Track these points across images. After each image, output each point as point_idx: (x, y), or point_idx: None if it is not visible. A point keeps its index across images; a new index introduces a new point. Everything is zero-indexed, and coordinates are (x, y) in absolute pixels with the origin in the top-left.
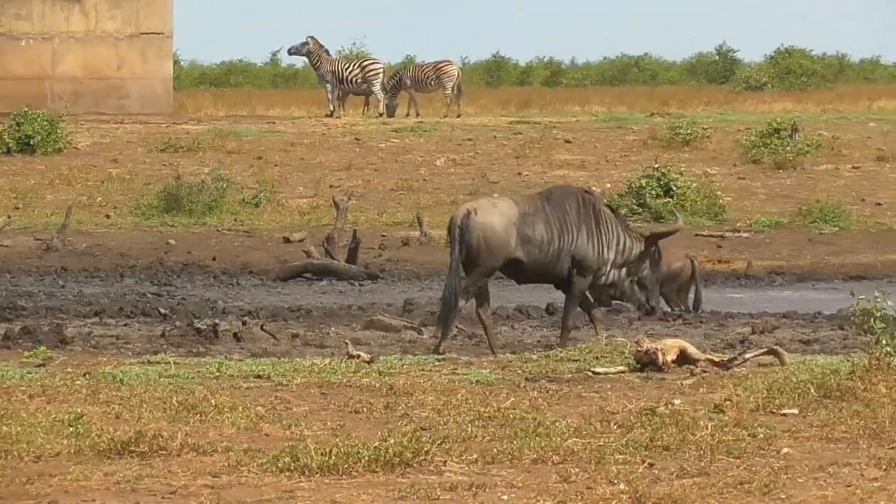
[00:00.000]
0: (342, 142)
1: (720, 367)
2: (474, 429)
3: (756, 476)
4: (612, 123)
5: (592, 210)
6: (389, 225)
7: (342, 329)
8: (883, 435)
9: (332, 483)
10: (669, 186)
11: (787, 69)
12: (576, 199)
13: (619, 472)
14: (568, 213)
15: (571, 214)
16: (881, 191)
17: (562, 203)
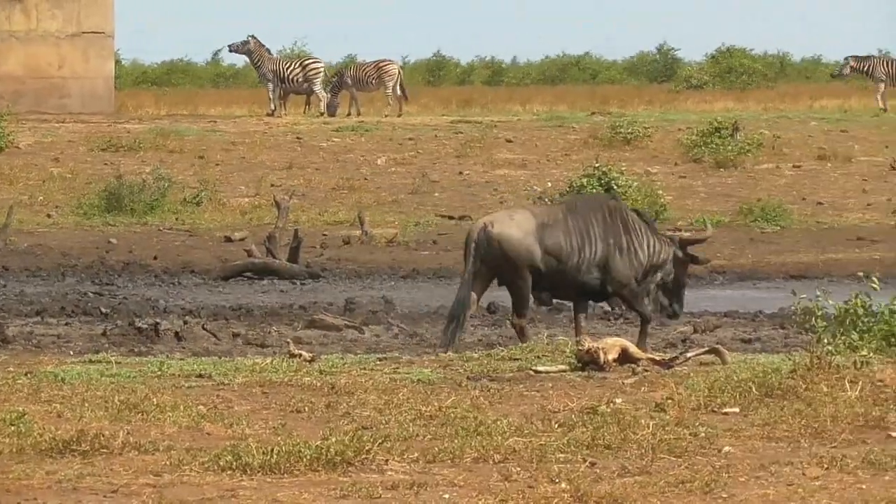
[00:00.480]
0: (283, 141)
1: (662, 366)
2: (416, 428)
3: (697, 475)
4: (553, 122)
5: (620, 218)
6: (331, 224)
7: (283, 328)
8: (824, 434)
9: (273, 482)
10: (610, 185)
11: (729, 68)
12: (602, 210)
13: (560, 471)
14: (592, 225)
15: (596, 225)
16: (822, 190)
17: (586, 214)
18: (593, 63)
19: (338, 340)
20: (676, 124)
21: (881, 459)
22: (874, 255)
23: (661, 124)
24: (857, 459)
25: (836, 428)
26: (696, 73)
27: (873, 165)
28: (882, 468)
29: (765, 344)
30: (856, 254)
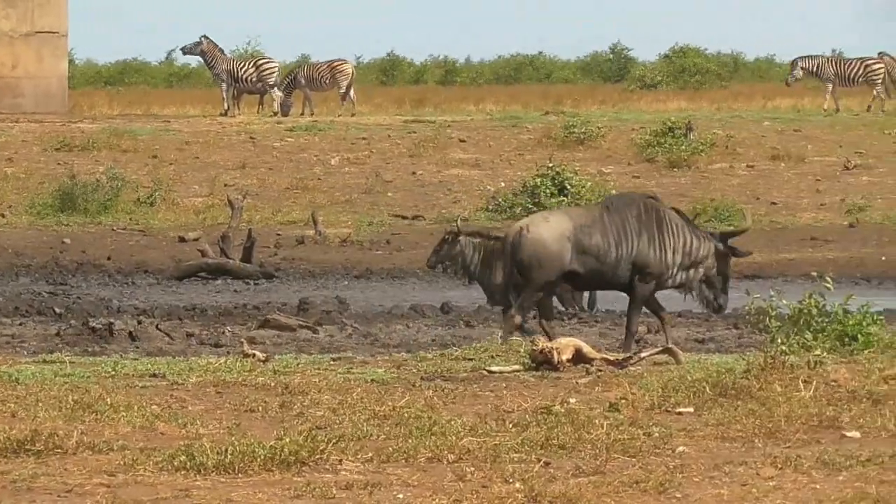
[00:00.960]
0: (237, 141)
1: (615, 365)
2: (370, 428)
3: (651, 475)
4: (507, 122)
5: (655, 216)
6: (284, 224)
7: (237, 328)
8: (778, 434)
9: (227, 482)
10: (564, 185)
11: (682, 68)
12: (637, 208)
13: (514, 471)
14: (628, 222)
15: (631, 223)
16: (776, 190)
17: (622, 212)
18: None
19: (292, 340)
20: (630, 124)
21: (835, 459)
22: (828, 255)
23: (614, 124)
24: (811, 459)
25: (790, 428)
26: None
27: (827, 165)
28: (836, 468)
29: (719, 344)
30: (809, 254)
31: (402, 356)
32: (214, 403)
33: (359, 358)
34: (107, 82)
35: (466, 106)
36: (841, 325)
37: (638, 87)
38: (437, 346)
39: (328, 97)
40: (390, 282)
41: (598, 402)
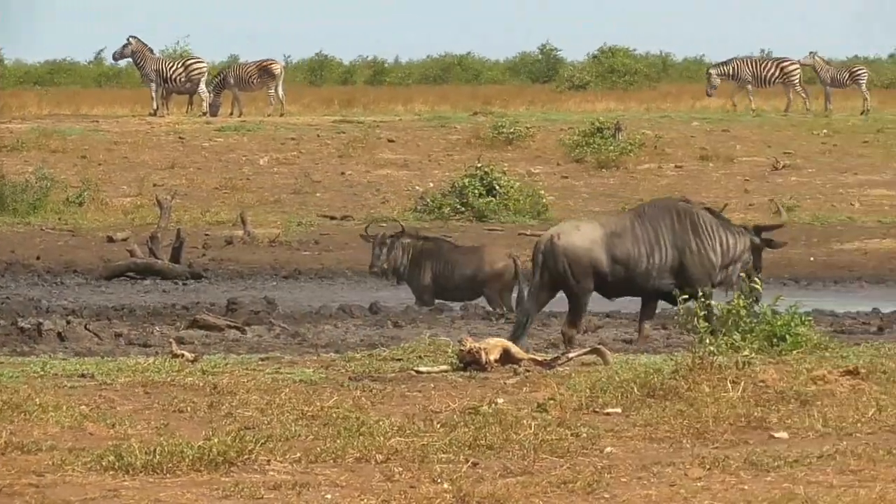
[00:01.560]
0: (166, 141)
1: (543, 366)
2: (298, 428)
3: (580, 475)
4: (436, 122)
5: (689, 221)
6: (213, 224)
7: (166, 328)
8: (706, 434)
9: (156, 482)
10: (492, 185)
11: (611, 68)
12: (670, 215)
13: (442, 471)
14: (661, 230)
15: (664, 231)
16: (704, 190)
17: (655, 220)
18: (475, 63)
19: (220, 341)
20: (558, 124)
21: (763, 460)
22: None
23: (543, 124)
24: (739, 460)
25: (718, 428)
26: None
27: (755, 165)
28: (764, 469)
29: (646, 344)
30: None
31: (330, 356)
32: (143, 404)
33: (287, 358)
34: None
35: (395, 106)
36: (769, 326)
37: (566, 87)
38: (366, 347)
39: (257, 97)
40: (319, 282)
41: (525, 403)
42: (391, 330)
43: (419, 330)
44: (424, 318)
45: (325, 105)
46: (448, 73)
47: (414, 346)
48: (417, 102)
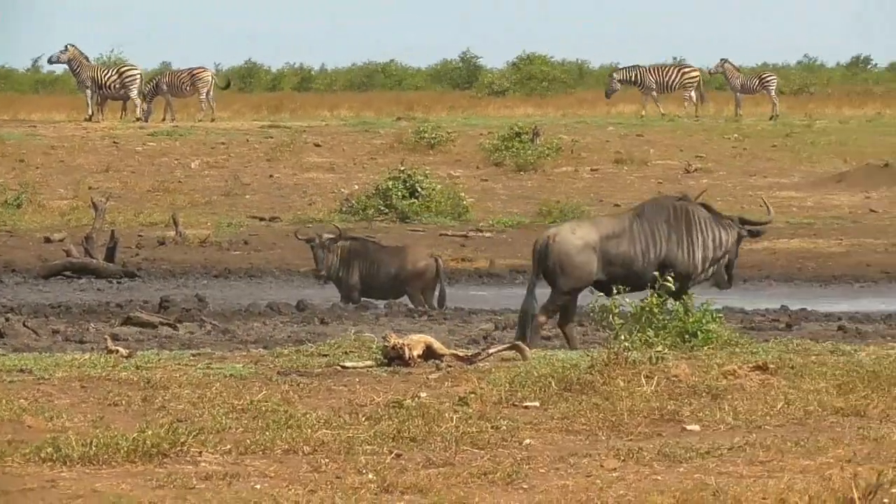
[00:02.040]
0: (101, 145)
1: (464, 361)
2: (228, 421)
3: (499, 466)
4: (360, 127)
5: (685, 219)
6: (146, 225)
7: (101, 325)
8: (621, 427)
9: (92, 472)
10: (415, 188)
11: (529, 75)
12: (667, 212)
13: (367, 463)
14: (658, 228)
15: (662, 228)
16: (619, 192)
17: (653, 219)
18: (398, 70)
19: (153, 337)
20: (478, 129)
21: (675, 452)
22: None
23: (463, 129)
24: (652, 452)
25: (632, 421)
26: (497, 80)
27: (668, 168)
28: (676, 460)
29: (563, 340)
30: None
31: (259, 352)
32: (79, 397)
33: (217, 354)
34: None
35: (321, 112)
36: (681, 323)
37: (486, 93)
38: (293, 343)
39: (188, 103)
40: (248, 281)
41: (447, 397)
42: (318, 327)
43: (345, 327)
44: (350, 316)
45: (254, 111)
46: (372, 79)
47: (340, 342)
48: (343, 108)
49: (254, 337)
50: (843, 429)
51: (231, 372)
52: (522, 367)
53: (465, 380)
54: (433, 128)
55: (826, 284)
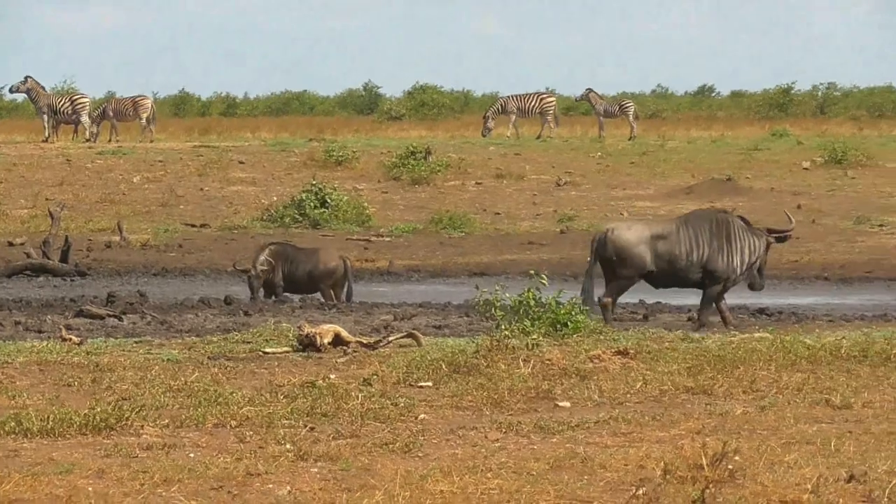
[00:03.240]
0: (56, 162)
1: (368, 347)
2: (166, 399)
3: (398, 437)
4: (278, 147)
5: (725, 228)
6: (95, 231)
7: (57, 317)
8: (503, 403)
9: (49, 444)
10: (325, 199)
11: (422, 102)
12: (709, 222)
13: (285, 435)
14: (701, 234)
15: (705, 235)
16: (499, 202)
17: (697, 226)
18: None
19: (101, 327)
20: (379, 149)
21: (549, 425)
22: (542, 257)
23: (366, 149)
24: (529, 425)
25: (512, 399)
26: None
27: (542, 182)
28: (550, 432)
29: (453, 329)
30: (527, 255)
31: (192, 340)
32: (38, 379)
33: (156, 341)
34: None
35: (244, 134)
36: (554, 314)
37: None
38: (221, 332)
39: (130, 126)
40: (182, 279)
41: (353, 378)
42: (242, 318)
43: (265, 318)
44: (270, 308)
45: (187, 133)
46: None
47: (261, 331)
48: (263, 131)
49: (187, 327)
50: (693, 405)
51: (168, 357)
52: (417, 353)
53: (369, 363)
54: (340, 147)
55: None
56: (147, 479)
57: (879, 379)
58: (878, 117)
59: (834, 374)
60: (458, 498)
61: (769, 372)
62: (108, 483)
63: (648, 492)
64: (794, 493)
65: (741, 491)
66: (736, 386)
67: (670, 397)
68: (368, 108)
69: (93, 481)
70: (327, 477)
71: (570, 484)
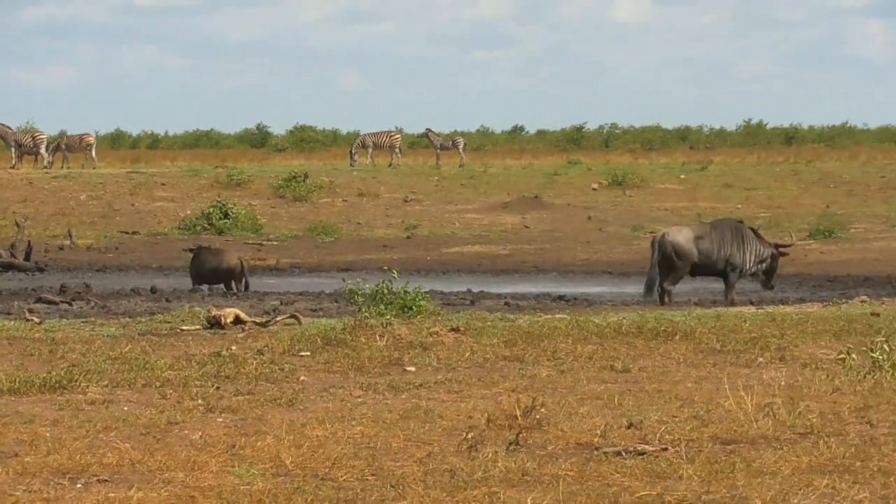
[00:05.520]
0: (20, 184)
1: (260, 326)
2: (106, 365)
3: (284, 394)
4: (191, 173)
5: (740, 233)
6: (51, 237)
7: (22, 302)
8: (363, 368)
9: (16, 400)
10: (227, 212)
11: (301, 138)
12: (730, 228)
13: (197, 392)
14: (724, 237)
15: (727, 237)
16: (360, 215)
17: (722, 231)
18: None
19: (56, 311)
20: (268, 174)
21: (399, 384)
22: (393, 257)
23: (258, 174)
24: (384, 385)
25: (371, 365)
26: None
27: (393, 199)
28: (400, 390)
29: (326, 312)
30: (382, 255)
31: (126, 320)
32: (7, 350)
33: (98, 321)
34: None
35: (166, 162)
36: (402, 300)
37: (273, 150)
38: (148, 314)
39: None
40: (118, 273)
41: (250, 349)
42: (164, 304)
43: (182, 303)
44: (186, 296)
45: (121, 162)
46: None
47: (179, 313)
48: (180, 160)
49: (122, 310)
50: (509, 370)
51: (108, 333)
52: (299, 330)
53: (261, 338)
54: (238, 173)
55: (496, 275)
56: (91, 427)
57: (651, 349)
58: (648, 150)
59: (617, 345)
60: (329, 441)
61: (567, 344)
62: (61, 430)
63: (475, 436)
64: (587, 436)
65: (546, 435)
66: (542, 355)
67: (491, 363)
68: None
69: (49, 429)
70: (230, 425)
71: (416, 430)
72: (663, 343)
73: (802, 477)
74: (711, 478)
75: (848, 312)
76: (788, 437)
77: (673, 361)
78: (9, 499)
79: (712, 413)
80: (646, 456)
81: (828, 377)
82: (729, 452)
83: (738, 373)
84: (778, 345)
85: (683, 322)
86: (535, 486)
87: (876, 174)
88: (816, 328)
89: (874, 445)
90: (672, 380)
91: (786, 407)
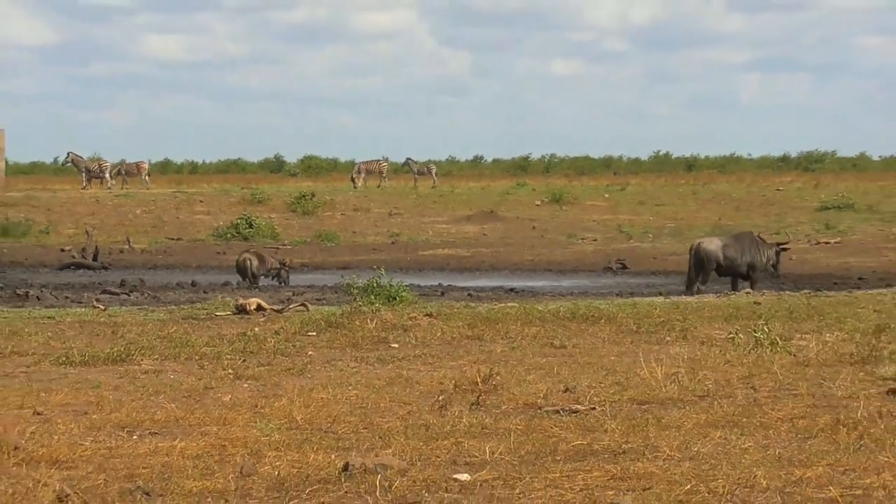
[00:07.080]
0: (90, 202)
1: (278, 312)
2: (156, 342)
3: (296, 365)
4: (223, 192)
5: (757, 242)
6: (113, 242)
7: (91, 294)
8: (358, 345)
9: (86, 370)
10: (251, 223)
11: (309, 165)
12: (749, 237)
13: (228, 364)
14: (745, 244)
15: (746, 244)
16: (355, 225)
17: (742, 240)
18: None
19: (117, 300)
20: (284, 193)
21: (385, 358)
22: (381, 258)
23: (276, 194)
24: (373, 358)
25: (363, 343)
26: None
27: (381, 213)
28: (386, 363)
29: (328, 301)
30: (372, 256)
31: (172, 307)
32: (79, 331)
33: (150, 308)
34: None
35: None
36: (388, 291)
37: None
38: (190, 303)
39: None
40: (166, 271)
41: (269, 330)
42: (202, 294)
43: (216, 294)
44: (219, 288)
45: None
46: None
47: (214, 302)
48: (214, 182)
49: (169, 300)
50: (471, 346)
51: (158, 318)
52: (307, 315)
53: (278, 321)
54: (260, 192)
55: (461, 272)
56: (145, 391)
57: (583, 330)
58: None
59: (555, 327)
60: (331, 402)
61: (517, 326)
62: (121, 394)
63: (445, 398)
64: (532, 398)
65: (501, 397)
66: (497, 335)
67: (457, 341)
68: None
69: (112, 392)
70: (253, 389)
71: (399, 393)
72: (592, 325)
73: (701, 430)
74: (630, 430)
75: (736, 301)
76: (690, 399)
77: (600, 340)
78: (80, 447)
79: (630, 380)
80: (578, 413)
81: (720, 352)
82: (643, 411)
83: (651, 349)
84: (681, 326)
85: (607, 309)
86: (491, 436)
87: (758, 194)
88: (711, 314)
89: (757, 405)
90: (599, 354)
91: (688, 375)
